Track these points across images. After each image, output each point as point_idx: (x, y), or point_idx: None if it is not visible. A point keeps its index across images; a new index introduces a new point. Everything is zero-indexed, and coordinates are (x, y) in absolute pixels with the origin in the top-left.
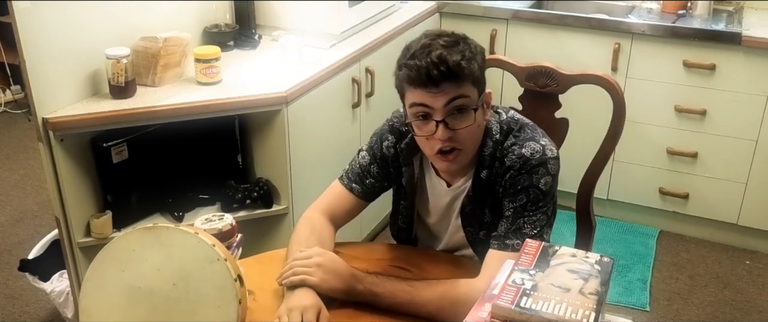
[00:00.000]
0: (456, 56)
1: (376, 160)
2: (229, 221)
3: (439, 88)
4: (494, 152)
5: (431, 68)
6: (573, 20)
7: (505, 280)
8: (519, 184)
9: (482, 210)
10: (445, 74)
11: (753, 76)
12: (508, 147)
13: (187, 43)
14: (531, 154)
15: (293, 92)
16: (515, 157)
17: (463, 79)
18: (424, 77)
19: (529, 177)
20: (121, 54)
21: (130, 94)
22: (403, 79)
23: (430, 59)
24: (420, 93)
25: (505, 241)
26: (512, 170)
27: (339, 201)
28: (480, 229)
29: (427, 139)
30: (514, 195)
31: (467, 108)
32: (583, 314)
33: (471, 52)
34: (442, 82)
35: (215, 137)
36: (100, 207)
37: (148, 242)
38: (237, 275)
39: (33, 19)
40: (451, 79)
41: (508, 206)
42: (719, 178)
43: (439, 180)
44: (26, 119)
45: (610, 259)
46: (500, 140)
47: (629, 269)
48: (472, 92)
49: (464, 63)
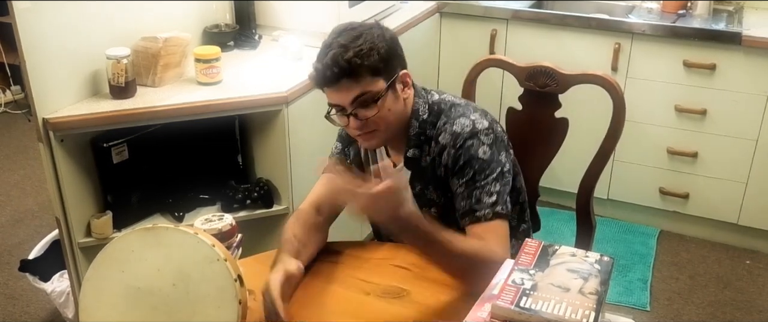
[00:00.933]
0: (349, 54)
1: (346, 142)
2: (229, 221)
3: (338, 85)
4: (422, 132)
5: (326, 70)
6: (573, 20)
7: (505, 280)
8: (459, 160)
9: (426, 188)
10: (338, 75)
11: (753, 76)
12: (441, 126)
13: (187, 44)
14: (461, 130)
15: (293, 92)
16: (447, 135)
17: (360, 75)
18: (322, 79)
19: (467, 151)
20: (121, 54)
21: (130, 95)
22: (313, 78)
23: (326, 61)
24: (329, 92)
25: (475, 214)
26: (447, 148)
27: (324, 191)
28: (430, 207)
29: (346, 128)
30: (460, 171)
31: (370, 100)
32: (582, 313)
33: (370, 44)
34: (340, 79)
35: (215, 137)
36: (101, 207)
37: (148, 243)
38: (237, 275)
39: (33, 19)
40: (348, 76)
41: (457, 183)
42: (719, 178)
43: (388, 160)
44: (26, 119)
45: (610, 258)
46: (430, 121)
47: (629, 269)
48: (374, 85)
49: (357, 60)
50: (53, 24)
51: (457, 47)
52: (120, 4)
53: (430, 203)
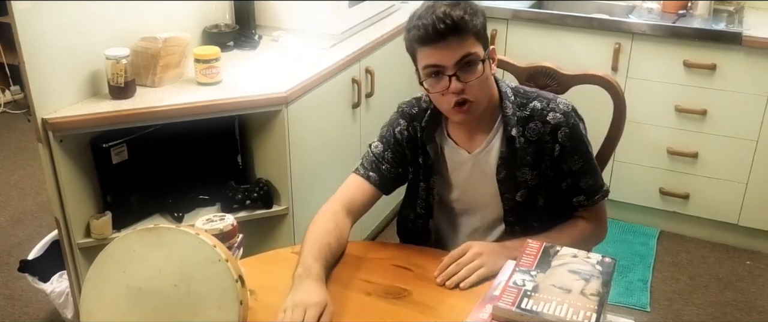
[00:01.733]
0: (458, 12)
1: (390, 146)
2: (230, 222)
3: (446, 42)
4: (516, 112)
5: (437, 23)
6: (573, 20)
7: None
8: (574, 138)
9: (519, 170)
10: (450, 27)
11: (753, 76)
12: (544, 108)
13: (186, 44)
14: (568, 109)
15: (293, 92)
16: (559, 114)
17: (467, 34)
18: (432, 33)
19: (576, 129)
20: (120, 54)
21: (129, 95)
22: (412, 39)
23: (435, 16)
24: (429, 51)
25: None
26: (561, 127)
27: (357, 192)
28: (517, 190)
29: (442, 94)
30: (576, 149)
31: (475, 62)
32: (584, 315)
33: (473, 10)
34: (448, 35)
35: (215, 138)
36: (100, 208)
37: (149, 243)
38: (238, 276)
39: (33, 19)
40: (455, 33)
41: (574, 161)
42: (720, 178)
43: (458, 150)
44: (26, 120)
45: (612, 259)
46: (519, 103)
47: (630, 270)
48: (477, 47)
49: (467, 17)
50: (53, 24)
51: None
52: (120, 4)
53: (519, 185)
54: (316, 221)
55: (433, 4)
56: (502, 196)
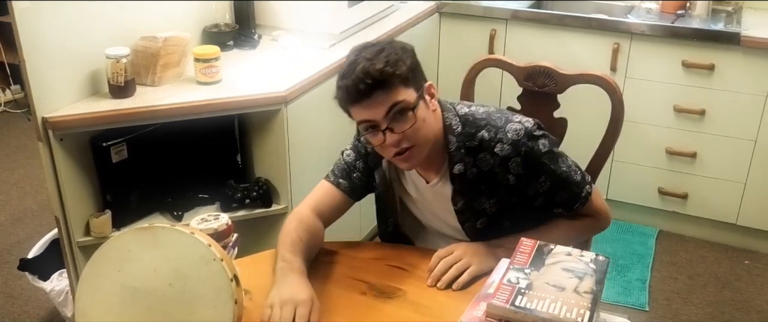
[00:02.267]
0: (379, 65)
1: (361, 156)
2: (225, 221)
3: (371, 99)
4: (461, 145)
5: (358, 83)
6: (572, 20)
7: (500, 279)
8: (531, 163)
9: (477, 200)
10: (371, 85)
11: (752, 76)
12: (492, 139)
13: (186, 43)
14: (517, 136)
15: (293, 92)
16: (507, 146)
17: (392, 85)
18: (354, 93)
19: (532, 152)
20: (120, 54)
21: (129, 94)
22: (340, 100)
23: (355, 75)
24: (359, 109)
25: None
26: (512, 157)
27: (326, 197)
28: (477, 219)
29: (382, 147)
30: (537, 172)
31: (405, 110)
32: (577, 312)
33: (396, 55)
34: (372, 92)
35: (215, 137)
36: (100, 206)
37: (145, 242)
38: (233, 275)
39: (33, 18)
40: (379, 87)
41: (540, 182)
42: (718, 178)
43: (418, 176)
44: (26, 119)
45: (606, 258)
46: (467, 133)
47: (628, 269)
48: (406, 94)
49: (389, 68)
50: (53, 24)
51: (456, 47)
52: (120, 4)
53: (478, 213)
54: (285, 225)
55: (354, 58)
56: (463, 224)
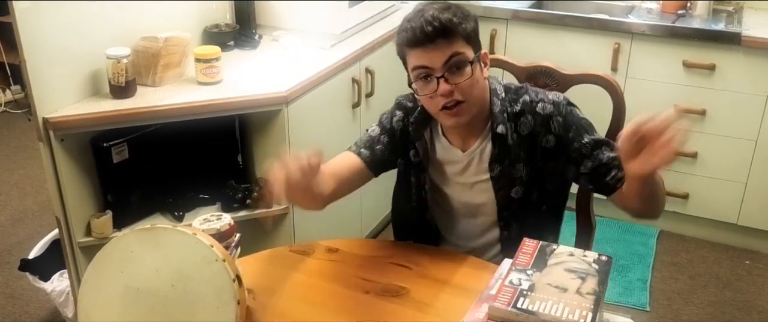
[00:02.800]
0: (447, 15)
1: (386, 131)
2: (228, 221)
3: (434, 44)
4: (504, 110)
5: (425, 26)
6: (573, 20)
7: (502, 280)
8: (571, 125)
9: (513, 166)
10: (438, 30)
11: (753, 76)
12: (534, 99)
13: (187, 43)
14: (559, 99)
15: (293, 92)
16: (548, 105)
17: (455, 36)
18: (420, 35)
19: (571, 115)
20: (121, 54)
21: (130, 94)
22: (401, 42)
23: (423, 19)
24: (418, 53)
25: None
26: (553, 116)
27: (346, 164)
28: (512, 187)
29: (431, 97)
30: (577, 134)
31: (463, 63)
32: (580, 314)
33: (462, 14)
34: (436, 38)
35: (215, 137)
36: (101, 207)
37: (147, 243)
38: (235, 276)
39: (33, 19)
40: (443, 35)
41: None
42: (719, 178)
43: (451, 149)
44: (26, 119)
45: (609, 258)
46: (509, 98)
47: (629, 269)
48: (466, 49)
49: (456, 20)
50: (53, 24)
51: None
52: (120, 4)
53: (514, 181)
54: None
55: (423, 7)
56: (497, 193)
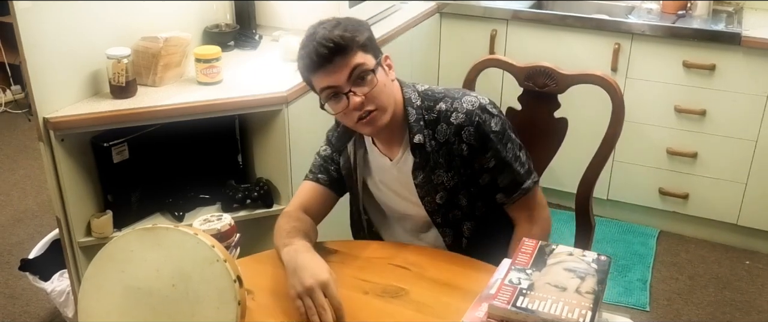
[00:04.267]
0: (338, 31)
1: (334, 149)
2: (228, 221)
3: (332, 64)
4: (421, 118)
5: (319, 48)
6: (573, 20)
7: (502, 279)
8: (481, 136)
9: (435, 173)
10: (332, 50)
11: (753, 77)
12: (449, 107)
13: (187, 43)
14: (472, 107)
15: (293, 92)
16: (461, 114)
17: (351, 50)
18: (316, 58)
19: (483, 125)
20: (121, 54)
21: (130, 94)
22: (302, 69)
23: (315, 42)
24: (321, 76)
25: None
26: (465, 126)
27: (310, 194)
28: (436, 193)
29: (345, 114)
30: (484, 147)
31: (366, 73)
32: (579, 313)
33: (353, 27)
34: (333, 57)
35: (215, 137)
36: (101, 207)
37: (148, 243)
38: (236, 276)
39: (34, 19)
40: (339, 52)
41: (486, 158)
42: (719, 178)
43: (381, 156)
44: (27, 119)
45: (607, 257)
46: (426, 106)
47: (629, 269)
48: (366, 59)
49: (347, 34)
50: (53, 24)
51: (457, 47)
52: (120, 4)
53: (437, 188)
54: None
55: (313, 31)
56: (423, 199)
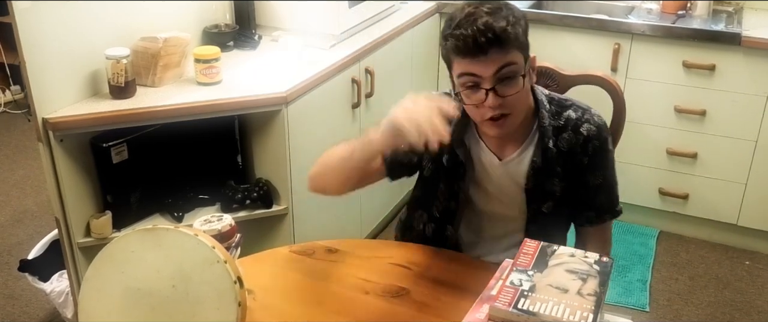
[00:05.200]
0: (501, 22)
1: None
2: (229, 222)
3: (486, 56)
4: (551, 122)
5: (478, 36)
6: (573, 21)
7: (503, 281)
8: (600, 154)
9: (549, 181)
10: (492, 41)
11: (753, 77)
12: (579, 119)
13: (186, 44)
14: (602, 122)
15: (293, 93)
16: (593, 127)
17: (510, 45)
18: (472, 46)
19: (606, 143)
20: (120, 54)
21: (129, 95)
22: (450, 49)
23: (476, 27)
24: (468, 62)
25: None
26: (592, 139)
27: None
28: (545, 202)
29: (477, 107)
30: (602, 163)
31: (516, 75)
32: (581, 315)
33: (514, 18)
34: (489, 49)
35: (215, 138)
36: (100, 207)
37: (148, 244)
38: (237, 277)
39: (33, 19)
40: (498, 46)
41: (597, 175)
42: (719, 178)
43: (490, 155)
44: (26, 120)
45: (610, 259)
46: (553, 111)
47: (629, 270)
48: (519, 58)
49: (510, 28)
50: (53, 24)
51: None
52: (120, 4)
53: (548, 196)
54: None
55: (473, 11)
56: (529, 206)
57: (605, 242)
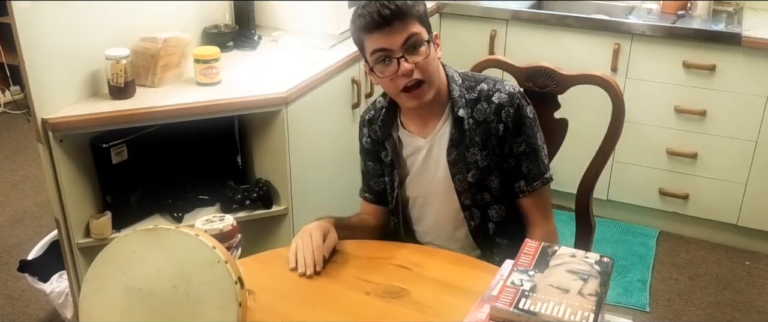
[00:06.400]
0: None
1: (368, 155)
2: (230, 222)
3: (390, 27)
4: (464, 94)
5: (382, 9)
6: (573, 21)
7: (504, 281)
8: (518, 119)
9: (468, 151)
10: (394, 12)
11: (753, 77)
12: (490, 89)
13: (186, 44)
14: (513, 90)
15: (293, 93)
16: (504, 95)
17: (410, 17)
18: (377, 19)
19: (521, 109)
20: (120, 55)
21: (129, 95)
22: (359, 28)
23: (378, 3)
24: (376, 37)
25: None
26: (505, 107)
27: (368, 212)
28: (468, 171)
29: (392, 79)
30: (519, 130)
31: (420, 42)
32: (582, 315)
33: None
34: (392, 20)
35: (215, 138)
36: (100, 208)
37: (149, 244)
38: (237, 278)
39: (33, 19)
40: (399, 17)
41: (518, 142)
42: (719, 178)
43: (414, 138)
44: (25, 120)
45: (610, 259)
46: (467, 86)
47: (629, 270)
48: (421, 30)
49: (409, 2)
50: (53, 24)
51: (456, 48)
52: (119, 4)
53: (470, 166)
54: None
55: None
56: (454, 177)
57: (546, 213)
